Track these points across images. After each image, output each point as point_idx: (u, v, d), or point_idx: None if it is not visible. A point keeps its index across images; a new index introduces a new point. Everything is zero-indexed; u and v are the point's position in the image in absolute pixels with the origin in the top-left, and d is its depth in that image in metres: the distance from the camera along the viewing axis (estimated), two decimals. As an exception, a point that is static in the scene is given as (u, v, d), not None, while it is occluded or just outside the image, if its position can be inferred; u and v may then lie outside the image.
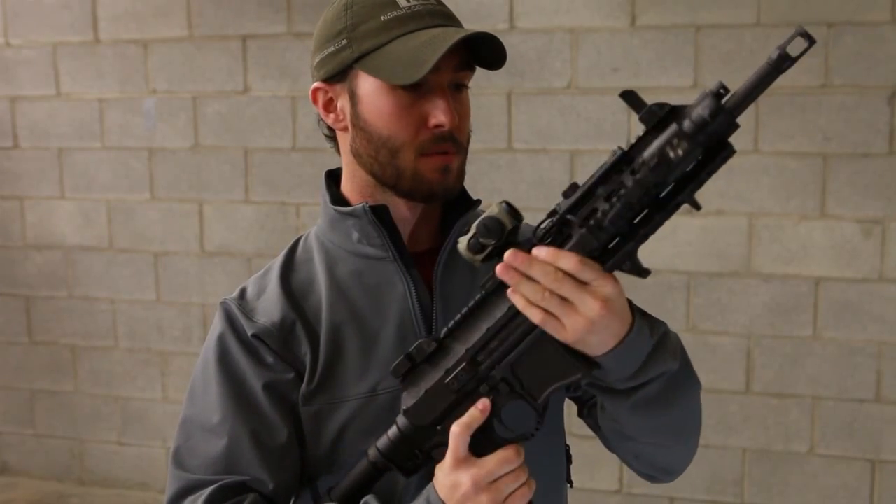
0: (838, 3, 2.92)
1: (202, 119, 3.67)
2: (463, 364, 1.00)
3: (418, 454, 1.04)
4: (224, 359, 1.14)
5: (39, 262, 3.99)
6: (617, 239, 0.93)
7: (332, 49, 1.13)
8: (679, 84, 3.08)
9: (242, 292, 1.19)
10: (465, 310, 1.01)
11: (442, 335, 1.02)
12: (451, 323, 1.02)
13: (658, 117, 0.89)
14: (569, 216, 0.93)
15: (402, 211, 1.17)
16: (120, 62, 3.74)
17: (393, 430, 1.05)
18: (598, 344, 0.94)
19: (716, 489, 3.22)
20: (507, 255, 0.93)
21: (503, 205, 0.95)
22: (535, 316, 0.93)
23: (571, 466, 1.28)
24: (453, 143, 1.10)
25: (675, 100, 0.90)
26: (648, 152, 0.89)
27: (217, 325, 1.17)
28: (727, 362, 3.16)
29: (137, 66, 3.72)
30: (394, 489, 1.12)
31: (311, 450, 1.14)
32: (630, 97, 0.90)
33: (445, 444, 1.01)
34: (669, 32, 3.09)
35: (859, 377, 3.05)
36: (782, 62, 0.85)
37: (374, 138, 1.12)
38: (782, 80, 2.84)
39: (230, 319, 1.16)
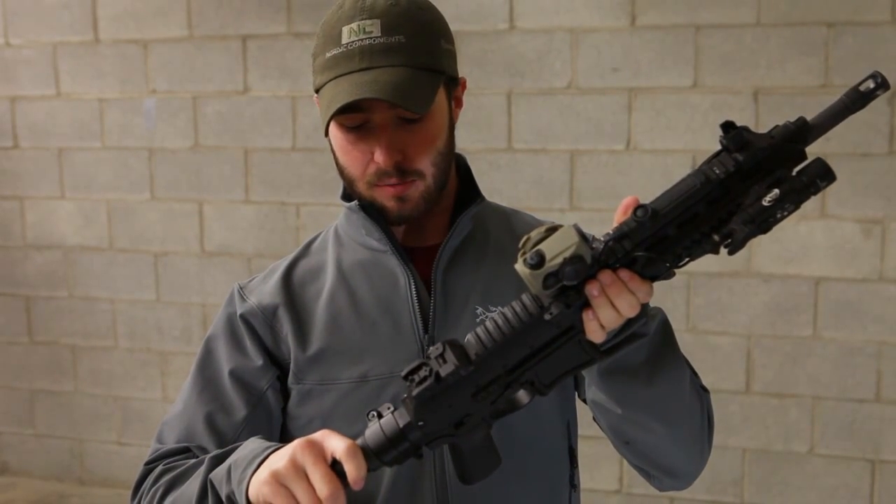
0: (838, 3, 2.92)
1: (202, 119, 3.67)
2: (497, 382, 0.97)
3: (409, 448, 0.99)
4: (210, 342, 1.25)
5: (39, 262, 3.99)
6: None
7: (312, 67, 1.20)
8: (679, 84, 3.08)
9: (253, 277, 1.29)
10: (501, 328, 0.96)
11: (473, 355, 0.96)
12: (487, 342, 0.96)
13: (757, 161, 0.89)
14: (639, 253, 0.90)
15: None
16: (120, 62, 3.74)
17: (393, 432, 0.98)
18: None
19: (716, 489, 3.22)
20: (604, 277, 0.90)
21: (578, 235, 0.89)
22: (599, 338, 0.93)
23: (576, 470, 1.26)
24: (402, 174, 1.13)
25: (674, 99, 0.91)
26: (754, 209, 0.88)
27: (222, 306, 1.27)
28: (727, 362, 3.16)
29: (137, 66, 3.72)
30: None
31: (302, 425, 1.19)
32: (733, 132, 0.88)
33: (447, 436, 0.99)
34: (669, 32, 3.09)
35: (859, 377, 3.05)
36: (858, 100, 0.89)
37: (337, 163, 1.19)
38: (782, 80, 2.83)
39: (230, 301, 1.26)
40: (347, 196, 1.25)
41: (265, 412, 1.20)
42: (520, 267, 0.90)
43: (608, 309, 0.91)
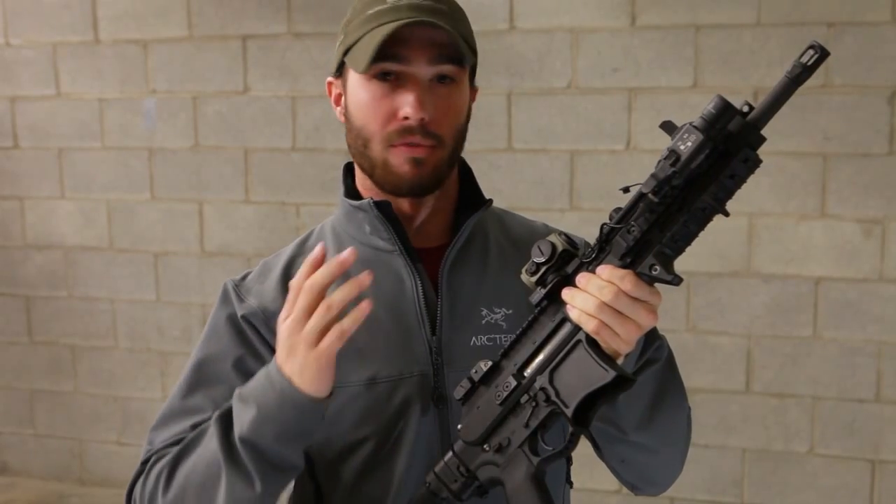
0: (838, 3, 2.92)
1: (202, 119, 3.67)
2: (509, 377, 1.02)
3: (464, 473, 1.05)
4: (209, 338, 1.20)
5: (39, 262, 3.99)
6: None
7: (337, 44, 1.19)
8: (679, 84, 3.08)
9: (245, 275, 1.25)
10: (519, 330, 1.03)
11: (499, 355, 1.04)
12: (507, 343, 1.04)
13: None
14: (606, 224, 0.97)
15: (405, 207, 1.19)
16: (120, 62, 3.74)
17: (448, 454, 1.06)
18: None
19: (716, 489, 3.22)
20: (578, 278, 0.96)
21: (559, 233, 1.01)
22: (589, 324, 0.95)
23: (572, 467, 1.29)
24: (425, 135, 1.12)
25: (674, 99, 0.91)
26: (663, 153, 0.92)
27: (215, 304, 1.23)
28: (727, 362, 3.16)
29: (137, 66, 3.72)
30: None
31: None
32: (668, 128, 0.94)
33: (490, 463, 1.03)
34: (669, 32, 3.09)
35: (859, 377, 3.05)
36: (800, 73, 0.91)
37: (353, 128, 1.16)
38: (782, 80, 2.72)
39: (224, 298, 1.22)
40: (351, 195, 1.23)
41: None
42: (522, 275, 1.01)
43: (580, 295, 0.95)
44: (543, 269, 0.98)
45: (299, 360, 1.00)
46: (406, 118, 1.11)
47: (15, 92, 3.91)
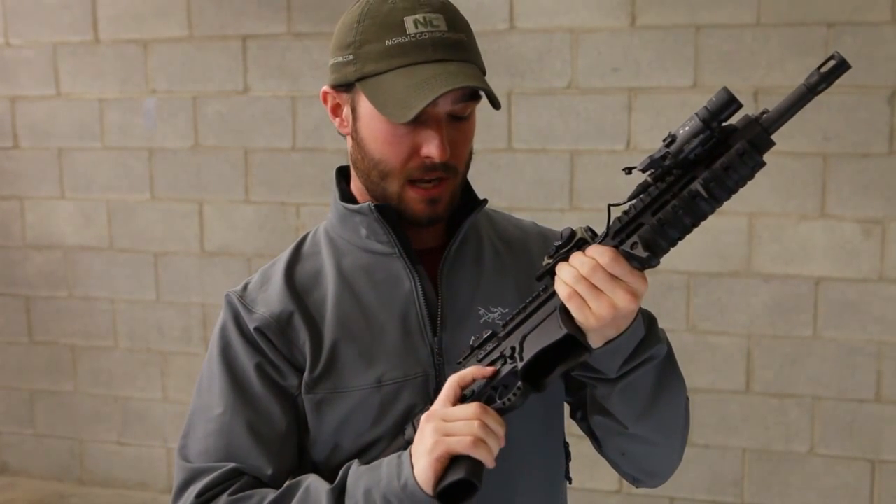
0: (838, 3, 2.92)
1: (202, 119, 3.67)
2: (494, 339, 1.08)
3: None
4: (226, 351, 1.18)
5: (39, 262, 3.99)
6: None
7: (340, 59, 1.14)
8: (679, 84, 3.08)
9: (245, 285, 1.23)
10: (520, 306, 1.08)
11: (503, 326, 1.09)
12: (510, 315, 1.10)
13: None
14: (610, 204, 1.02)
15: None
16: (120, 62, 3.74)
17: (427, 406, 1.10)
18: (609, 333, 1.00)
19: (716, 489, 3.22)
20: (573, 255, 1.01)
21: (586, 228, 1.04)
22: (561, 291, 0.98)
23: (571, 464, 1.30)
24: (445, 170, 1.13)
25: (674, 99, 0.91)
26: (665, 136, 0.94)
27: (220, 317, 1.21)
28: (727, 362, 3.16)
29: (137, 66, 3.72)
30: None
31: (314, 436, 1.17)
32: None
33: None
34: (669, 32, 3.09)
35: (859, 377, 3.05)
36: (817, 82, 0.88)
37: (367, 156, 1.15)
38: (782, 80, 2.83)
39: (232, 311, 1.19)
40: (348, 198, 1.23)
41: (300, 420, 1.17)
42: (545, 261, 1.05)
43: (565, 267, 0.99)
44: (560, 251, 1.03)
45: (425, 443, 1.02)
46: (429, 157, 1.11)
47: (15, 92, 3.91)
